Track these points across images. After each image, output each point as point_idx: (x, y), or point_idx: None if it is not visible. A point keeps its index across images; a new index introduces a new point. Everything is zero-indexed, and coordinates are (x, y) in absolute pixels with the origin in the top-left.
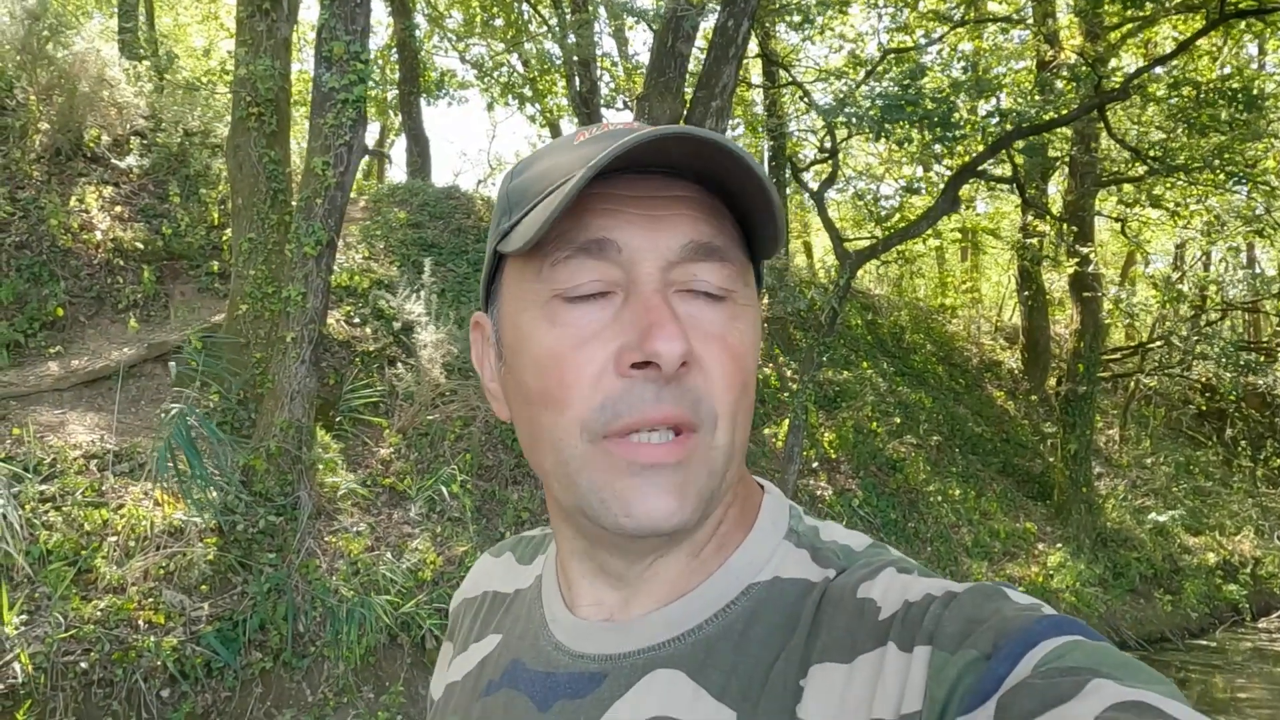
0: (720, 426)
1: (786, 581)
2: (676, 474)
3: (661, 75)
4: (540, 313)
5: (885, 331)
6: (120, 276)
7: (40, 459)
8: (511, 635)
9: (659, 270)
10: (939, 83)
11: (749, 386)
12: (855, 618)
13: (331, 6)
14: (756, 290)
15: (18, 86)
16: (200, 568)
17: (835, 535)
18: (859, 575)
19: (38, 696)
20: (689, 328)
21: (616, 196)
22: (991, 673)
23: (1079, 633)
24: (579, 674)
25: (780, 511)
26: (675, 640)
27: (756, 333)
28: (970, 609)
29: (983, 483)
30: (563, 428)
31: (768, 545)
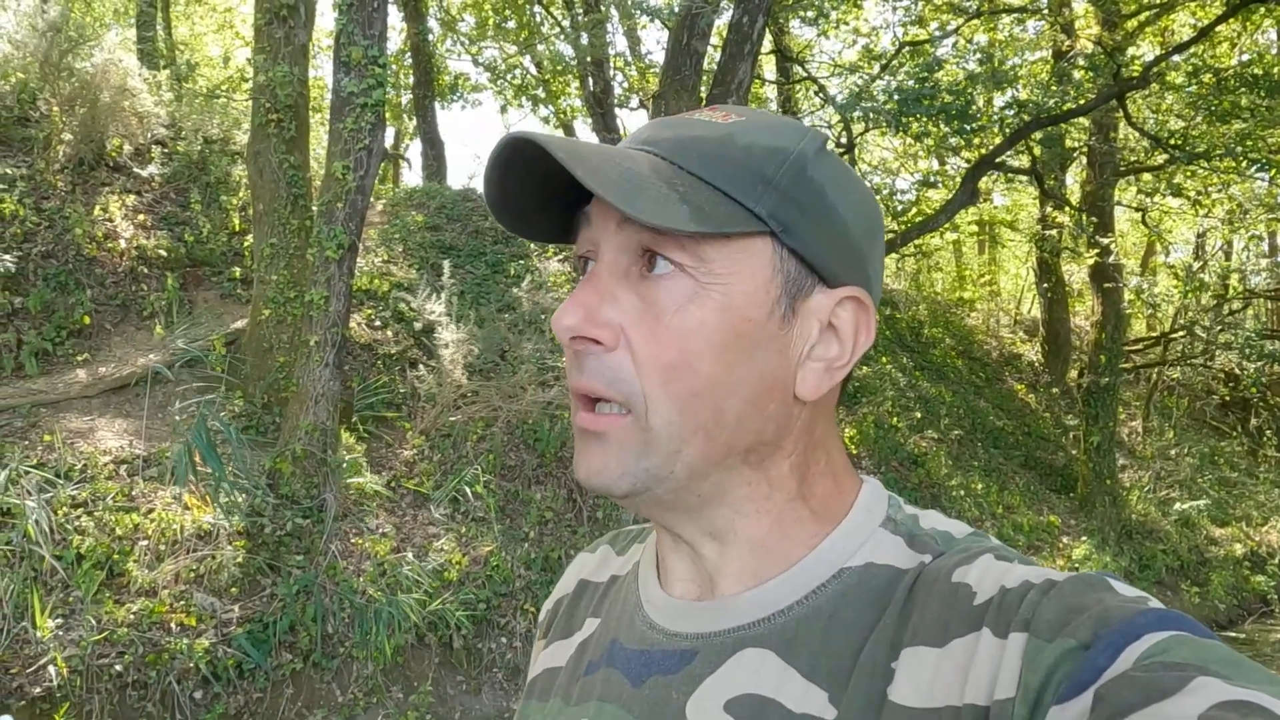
0: (652, 409)
1: (880, 566)
2: (597, 442)
3: (677, 73)
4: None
5: (904, 326)
6: (144, 284)
7: (71, 465)
8: (610, 618)
9: (610, 250)
10: (955, 75)
11: (693, 369)
12: (949, 602)
13: (349, 12)
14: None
15: (41, 98)
16: (230, 570)
17: (935, 523)
18: (955, 560)
19: (74, 699)
20: (631, 308)
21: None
22: (1090, 663)
23: (1186, 628)
24: (671, 651)
25: (878, 500)
26: (765, 620)
27: (722, 313)
28: (1071, 597)
29: (1005, 476)
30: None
31: (862, 531)
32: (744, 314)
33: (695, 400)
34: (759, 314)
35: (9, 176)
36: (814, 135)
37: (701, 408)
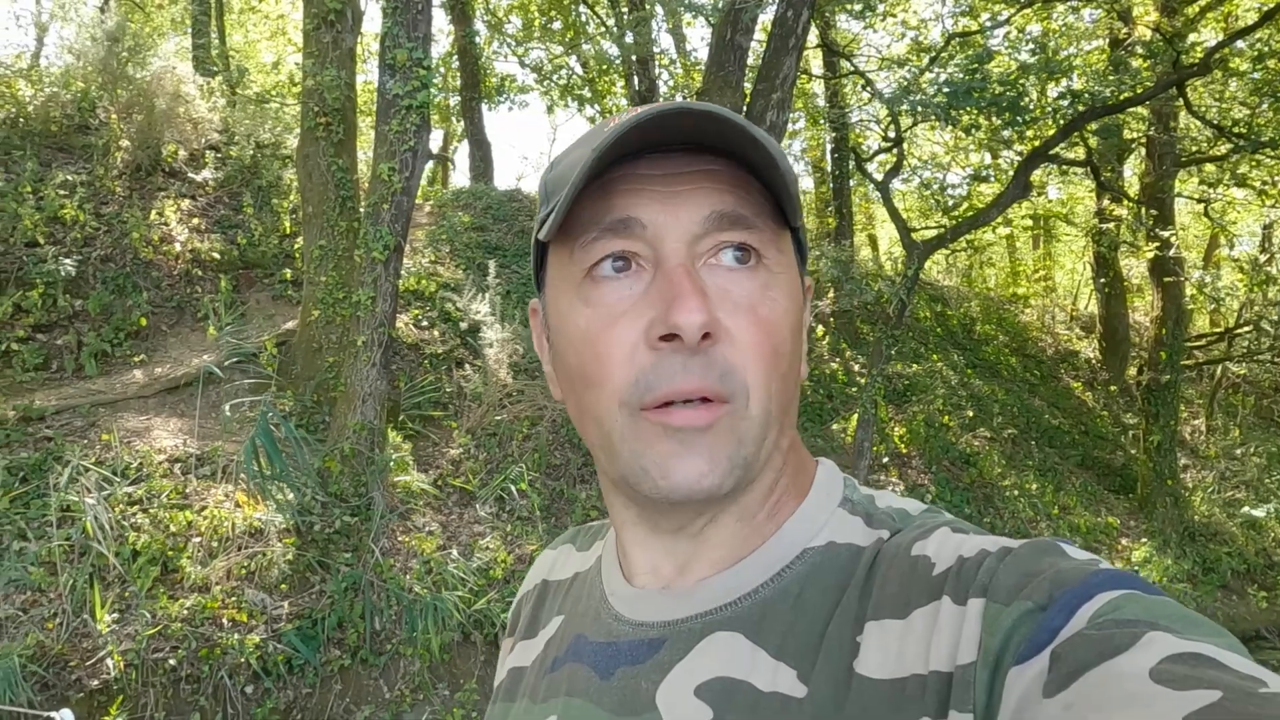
0: (753, 398)
1: (841, 545)
2: (705, 437)
3: (720, 69)
4: (575, 294)
5: (955, 323)
6: (199, 286)
7: (128, 463)
8: (574, 614)
9: (684, 244)
10: (1007, 66)
11: (782, 355)
12: (909, 574)
13: (394, 15)
14: (798, 258)
15: (100, 106)
16: (280, 567)
17: (890, 502)
18: (913, 535)
19: (129, 693)
20: (718, 300)
21: (640, 176)
22: (1047, 624)
23: (1136, 586)
24: (639, 641)
25: (835, 481)
26: (733, 604)
27: (793, 299)
28: (1026, 562)
29: (1061, 476)
30: (603, 403)
31: (823, 512)
32: (799, 300)
33: (782, 384)
34: (800, 301)
35: (70, 183)
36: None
37: (783, 392)
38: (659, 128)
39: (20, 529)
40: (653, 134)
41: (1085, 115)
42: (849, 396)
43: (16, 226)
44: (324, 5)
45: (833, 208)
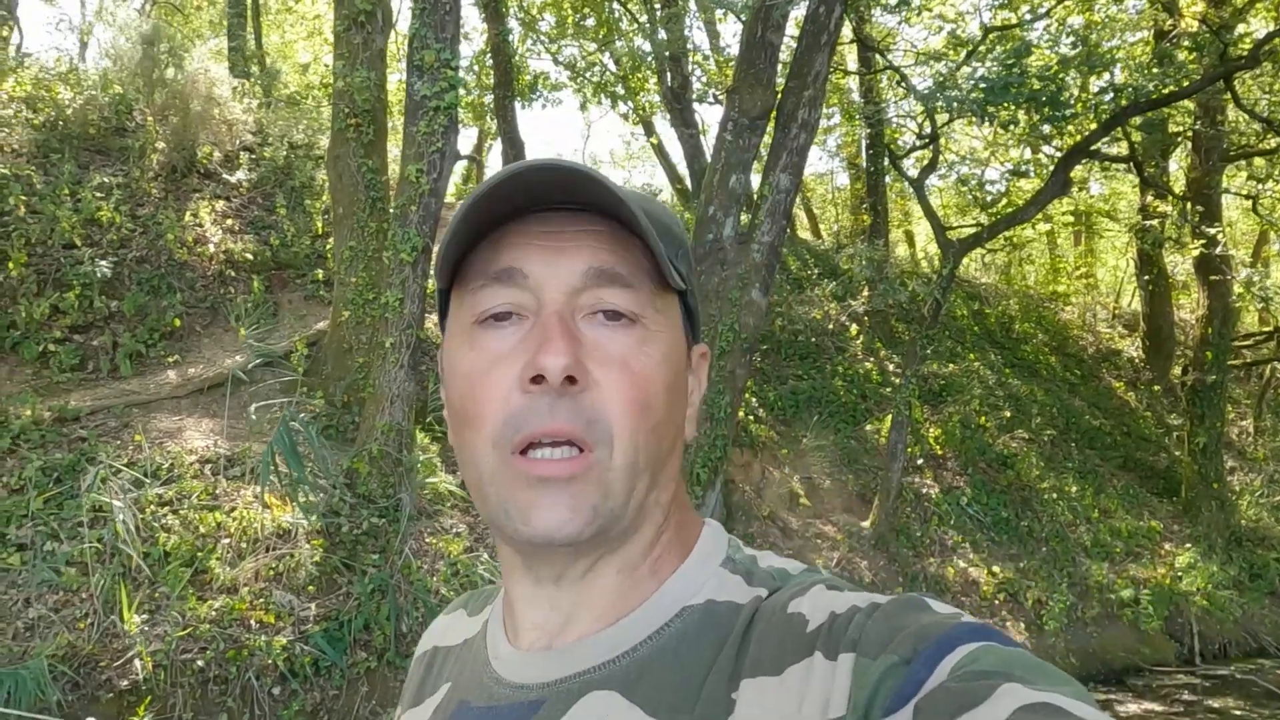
0: (618, 448)
1: (720, 603)
2: (568, 488)
3: (751, 67)
4: (463, 339)
5: (993, 322)
6: (232, 287)
7: (159, 464)
8: (459, 680)
9: (562, 295)
10: (1047, 60)
11: (653, 409)
12: (784, 631)
13: (422, 16)
14: (686, 323)
15: (136, 109)
16: (307, 569)
17: (772, 562)
18: (790, 593)
19: (158, 693)
20: (591, 350)
21: (528, 231)
22: (911, 677)
23: (994, 639)
24: (519, 704)
25: (718, 541)
26: (611, 662)
27: (670, 359)
28: (892, 618)
29: (1102, 479)
30: (479, 444)
31: (704, 570)
32: (678, 361)
33: (651, 438)
34: (682, 363)
35: (106, 185)
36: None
37: (653, 446)
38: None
39: (53, 530)
40: (533, 190)
41: (1128, 110)
42: (883, 397)
43: (55, 228)
44: (354, 6)
45: (867, 205)
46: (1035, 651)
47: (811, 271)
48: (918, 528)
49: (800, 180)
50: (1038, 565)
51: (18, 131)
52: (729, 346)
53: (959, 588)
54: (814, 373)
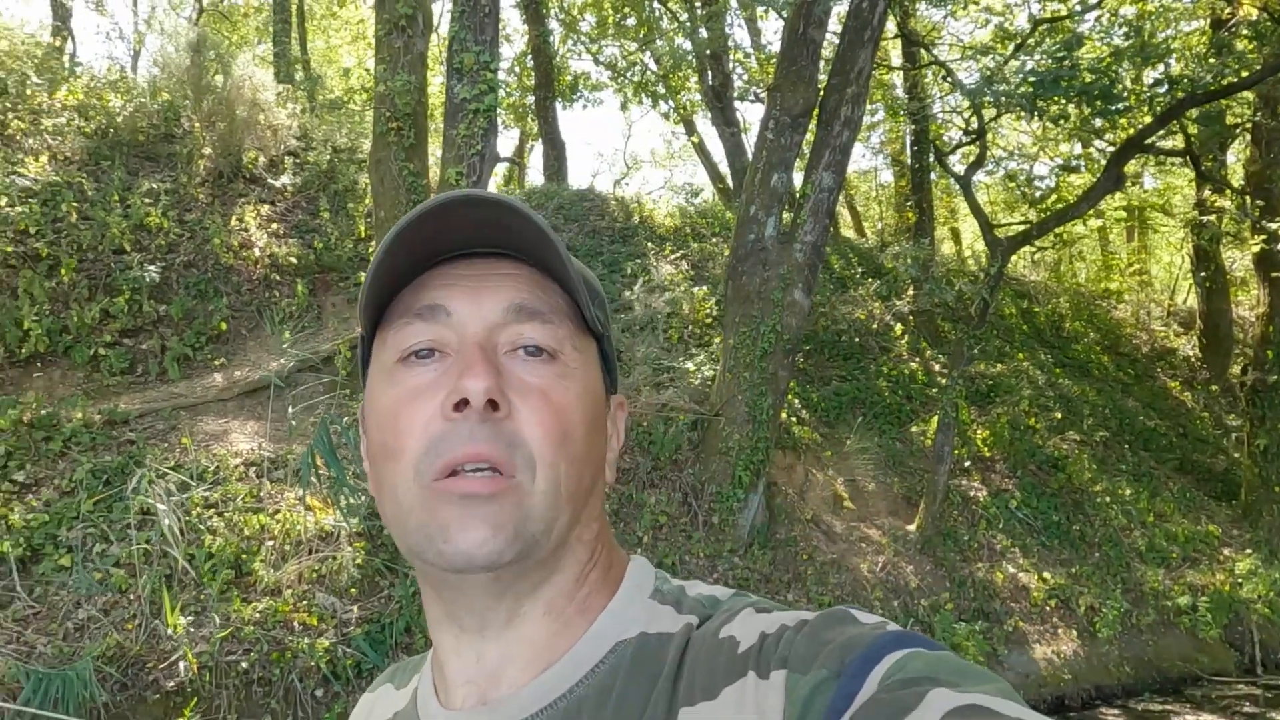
0: (539, 473)
1: (651, 635)
2: (489, 505)
3: (793, 64)
4: (385, 377)
5: (1042, 321)
6: (277, 290)
7: (205, 467)
8: None
9: (483, 330)
10: (1099, 52)
11: (573, 439)
12: (717, 656)
13: (462, 19)
14: (604, 369)
15: (184, 115)
16: (349, 571)
17: (700, 589)
18: (720, 620)
19: (203, 694)
20: (511, 380)
21: (451, 273)
22: (842, 690)
23: (920, 645)
24: None
25: (645, 574)
26: (548, 709)
27: (588, 396)
28: (820, 632)
29: (1157, 482)
30: (399, 474)
31: (634, 605)
32: (596, 398)
33: (572, 469)
34: (600, 405)
35: (155, 191)
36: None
37: (574, 477)
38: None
39: (102, 532)
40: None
41: (1184, 102)
42: (928, 398)
43: (105, 234)
44: (395, 11)
45: (912, 202)
46: (1087, 660)
47: (855, 271)
48: (965, 531)
49: (843, 179)
50: (1090, 571)
51: (70, 139)
52: (770, 348)
53: (1008, 593)
54: (858, 374)
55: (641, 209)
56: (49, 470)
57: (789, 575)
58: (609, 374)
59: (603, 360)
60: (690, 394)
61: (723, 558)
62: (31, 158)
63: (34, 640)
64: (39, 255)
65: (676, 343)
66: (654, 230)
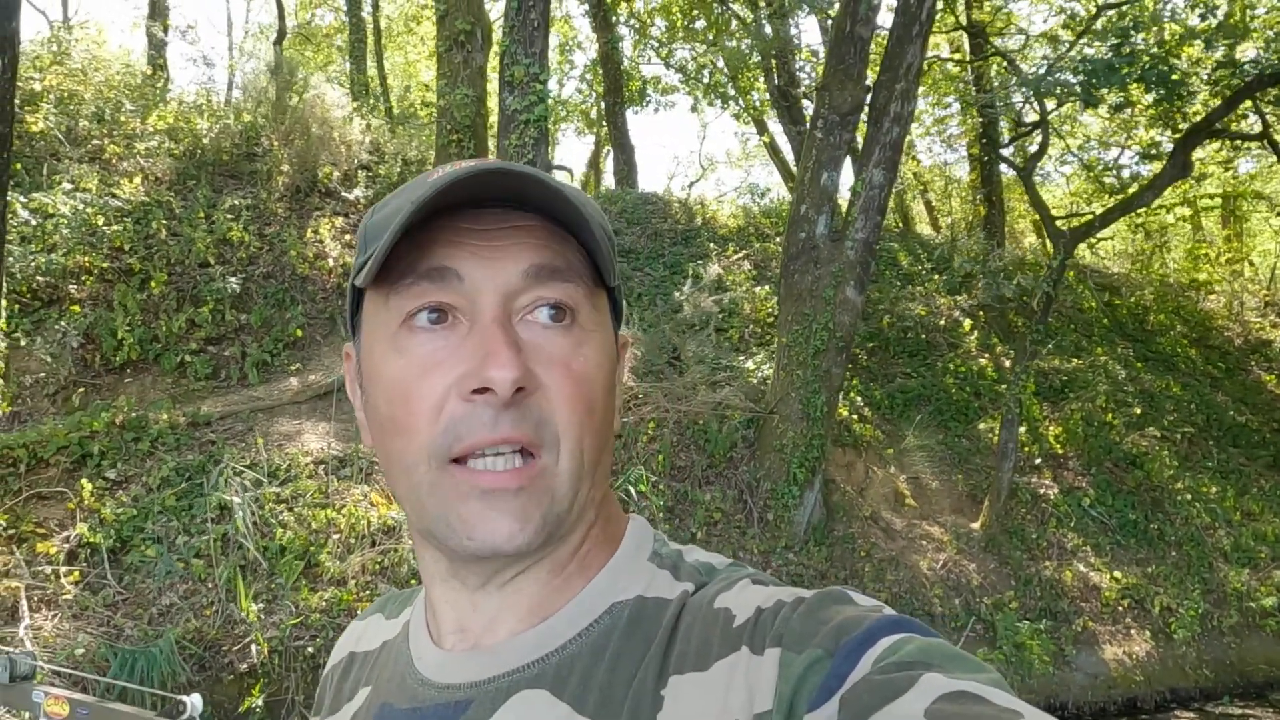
0: (564, 450)
1: (649, 599)
2: (517, 499)
3: (840, 62)
4: (389, 344)
5: (1124, 313)
6: None
7: (278, 465)
8: (380, 682)
9: (500, 299)
10: (1173, 32)
11: (595, 410)
12: (712, 627)
13: (512, 33)
14: (613, 317)
15: (264, 135)
16: (410, 563)
17: (698, 556)
18: (716, 588)
19: (273, 676)
20: (532, 354)
21: (459, 229)
22: (835, 670)
23: (914, 630)
24: (445, 704)
25: (644, 536)
26: (540, 661)
27: (606, 357)
28: (816, 612)
29: (1246, 479)
30: (412, 453)
31: (632, 565)
32: (610, 358)
33: (594, 440)
34: (614, 360)
35: (237, 207)
36: None
37: (595, 447)
38: (480, 184)
39: (183, 525)
40: (472, 189)
41: (1252, 84)
42: (998, 394)
43: (191, 249)
44: (454, 27)
45: (982, 195)
46: (1162, 662)
47: (924, 266)
48: (1033, 529)
49: (895, 175)
50: (1168, 571)
51: (160, 161)
52: (823, 345)
53: (1077, 593)
54: (923, 370)
55: (704, 210)
56: (137, 468)
57: (845, 572)
58: (617, 317)
59: (612, 307)
60: (747, 393)
61: (777, 554)
62: (126, 179)
63: (122, 624)
64: (132, 270)
65: (737, 342)
66: (716, 231)
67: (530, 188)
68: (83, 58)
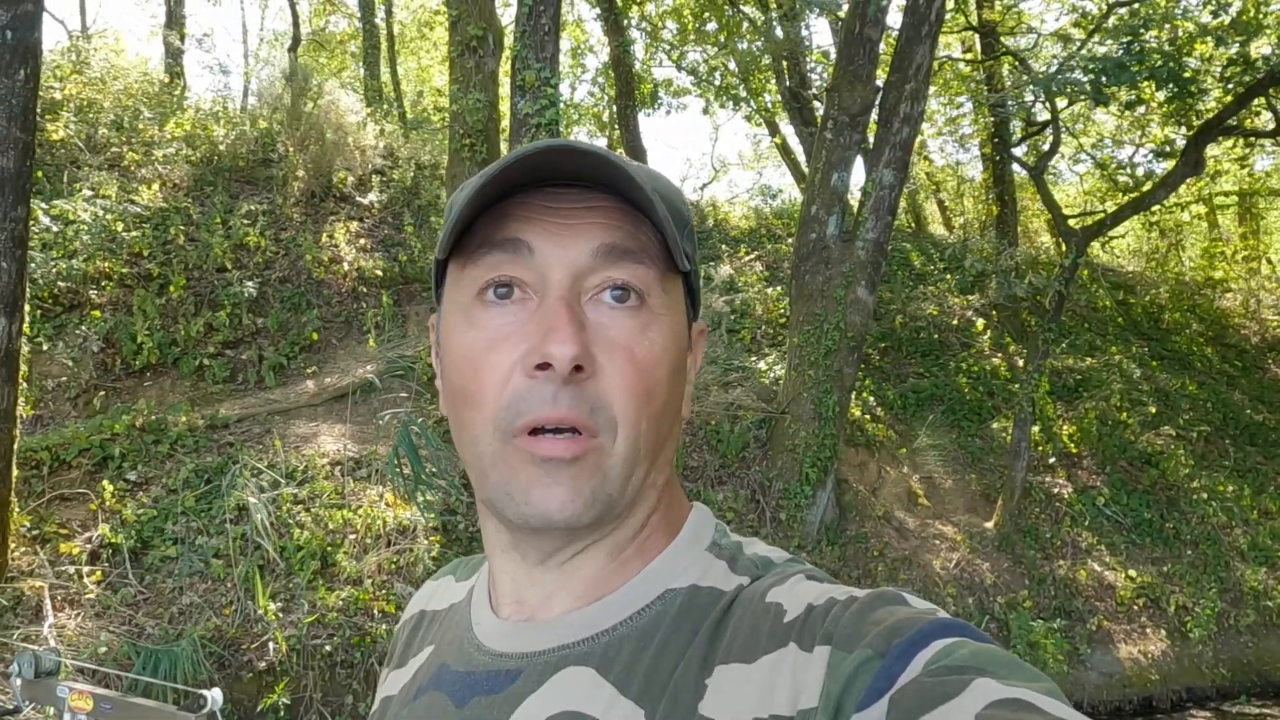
0: (620, 434)
1: (703, 589)
2: (570, 469)
3: (850, 64)
4: (462, 315)
5: (1139, 312)
6: (364, 302)
7: (294, 466)
8: (442, 643)
9: (569, 276)
10: (1185, 29)
11: (655, 395)
12: (761, 621)
13: (523, 38)
14: (688, 302)
15: (279, 141)
16: (425, 563)
17: (757, 549)
18: (770, 582)
19: (292, 674)
20: (595, 336)
21: (535, 205)
22: (885, 671)
23: (968, 634)
24: (496, 671)
25: (705, 526)
26: (589, 639)
27: (674, 341)
28: (868, 611)
29: (1263, 478)
30: (479, 424)
31: (689, 554)
32: (680, 344)
33: (652, 425)
34: (684, 344)
35: (253, 212)
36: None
37: (654, 432)
38: (548, 162)
39: (203, 525)
40: (540, 166)
41: (1264, 81)
42: (1011, 394)
43: (209, 254)
44: (466, 33)
45: (994, 195)
46: (1178, 661)
47: (936, 266)
48: (1047, 528)
49: (905, 175)
50: (1184, 569)
51: (178, 167)
52: (835, 345)
53: (1091, 591)
54: (936, 370)
55: (716, 211)
56: (157, 470)
57: (859, 571)
58: (693, 305)
59: (688, 293)
60: (759, 393)
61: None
62: (144, 186)
63: (143, 622)
64: (151, 275)
65: (749, 342)
66: (728, 233)
67: (600, 167)
68: (101, 66)
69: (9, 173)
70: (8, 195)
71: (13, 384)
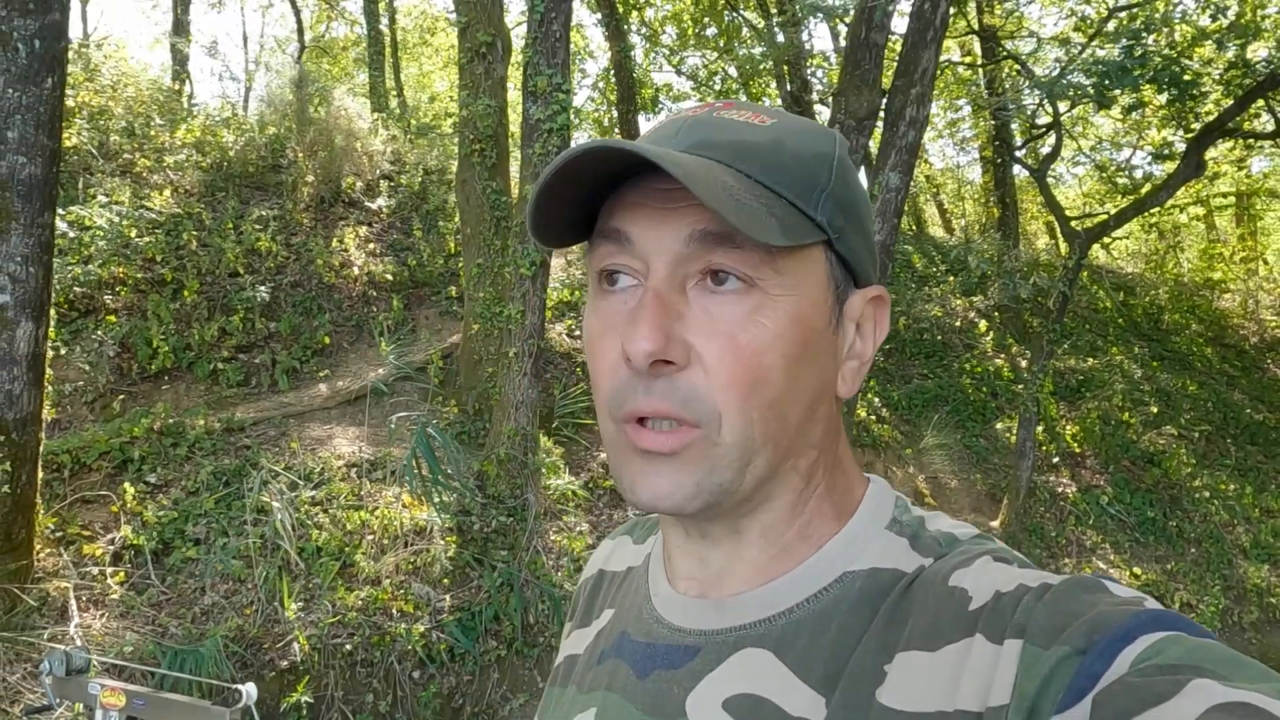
0: (726, 424)
1: (885, 571)
2: (670, 462)
3: (856, 68)
4: (590, 301)
5: (1139, 313)
6: (374, 305)
7: (311, 468)
8: (622, 609)
9: (666, 265)
10: (1185, 34)
11: (767, 382)
12: (944, 605)
13: (534, 44)
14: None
15: (288, 147)
16: (442, 563)
17: (941, 525)
18: (954, 563)
19: (313, 673)
20: (695, 324)
21: (643, 189)
22: (1086, 669)
23: (1181, 628)
24: (675, 646)
25: (884, 502)
26: (766, 621)
27: (794, 328)
28: (1065, 602)
29: (1265, 476)
30: (600, 406)
31: (866, 534)
32: (810, 324)
33: (768, 413)
34: (820, 323)
35: (264, 218)
36: (839, 137)
37: (772, 420)
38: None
39: (223, 527)
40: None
41: (1264, 84)
42: (1014, 394)
43: (221, 259)
44: (475, 39)
45: (995, 197)
46: None
47: (938, 268)
48: (1052, 528)
49: (910, 178)
50: (1187, 567)
51: (189, 174)
52: None
53: None
54: (940, 371)
55: None
56: (176, 472)
57: None
58: (851, 270)
59: (839, 261)
60: None
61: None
62: (156, 192)
63: (166, 623)
64: (164, 280)
65: None
66: None
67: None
68: (112, 74)
69: (37, 179)
70: (35, 202)
71: (39, 388)
